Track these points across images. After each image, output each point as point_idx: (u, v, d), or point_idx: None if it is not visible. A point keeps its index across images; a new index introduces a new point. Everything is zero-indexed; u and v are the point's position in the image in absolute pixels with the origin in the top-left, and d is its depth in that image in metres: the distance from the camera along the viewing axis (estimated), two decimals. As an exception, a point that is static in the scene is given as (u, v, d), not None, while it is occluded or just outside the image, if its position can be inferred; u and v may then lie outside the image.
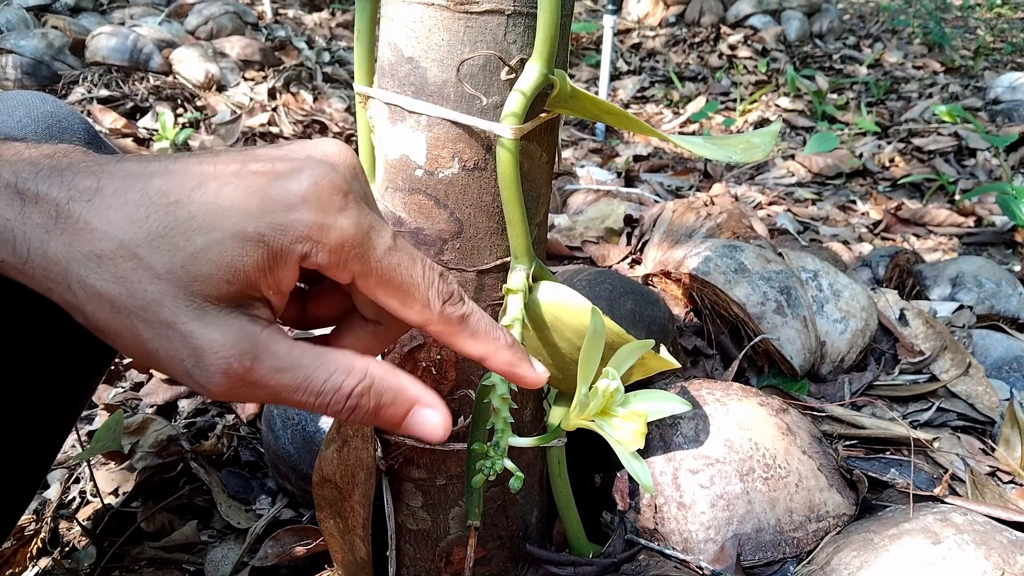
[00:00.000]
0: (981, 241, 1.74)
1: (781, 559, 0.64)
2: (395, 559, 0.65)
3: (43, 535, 0.81)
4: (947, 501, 0.68)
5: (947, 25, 4.26)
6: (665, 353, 0.56)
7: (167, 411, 1.03)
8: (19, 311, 0.49)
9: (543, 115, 0.50)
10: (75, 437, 0.93)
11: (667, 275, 1.05)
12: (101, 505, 0.86)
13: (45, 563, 0.79)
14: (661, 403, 0.51)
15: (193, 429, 0.98)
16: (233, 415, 1.01)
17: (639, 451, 0.47)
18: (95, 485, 0.86)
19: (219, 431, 0.95)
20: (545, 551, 0.67)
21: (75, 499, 0.88)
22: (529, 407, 0.63)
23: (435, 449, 0.59)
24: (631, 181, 2.06)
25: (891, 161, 2.30)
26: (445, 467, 0.61)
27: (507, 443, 0.48)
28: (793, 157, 2.35)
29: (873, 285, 1.26)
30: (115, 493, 0.89)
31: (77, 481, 0.90)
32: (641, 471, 0.47)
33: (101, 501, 0.86)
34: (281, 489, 0.86)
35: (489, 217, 0.52)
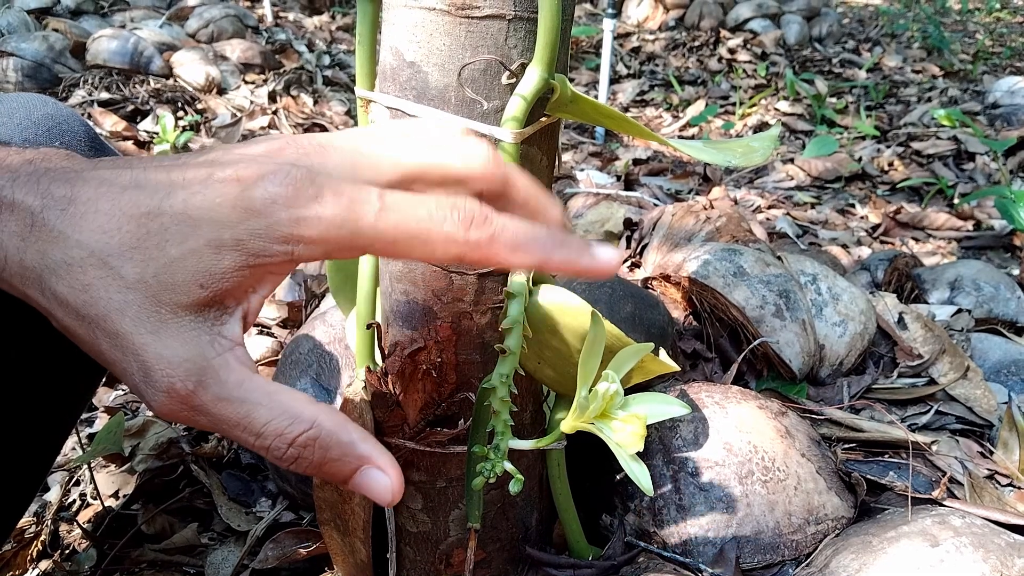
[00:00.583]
0: (980, 245, 1.74)
1: (780, 562, 0.64)
2: (395, 561, 0.66)
3: (43, 537, 0.81)
4: (945, 504, 0.68)
5: (946, 29, 4.27)
6: (664, 356, 0.56)
7: (167, 414, 1.03)
8: (18, 312, 0.50)
9: (543, 119, 0.50)
10: (75, 439, 0.94)
11: (666, 278, 1.05)
12: (101, 507, 0.86)
13: (46, 565, 0.79)
14: (660, 406, 0.51)
15: (193, 432, 0.98)
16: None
17: (638, 454, 0.47)
18: (95, 487, 0.86)
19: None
20: (545, 554, 0.67)
21: (75, 501, 0.88)
22: (529, 410, 0.63)
23: (435, 452, 0.59)
24: (631, 184, 2.06)
25: (890, 165, 2.31)
26: (445, 470, 0.61)
27: (507, 446, 0.48)
28: (792, 161, 2.36)
29: (872, 289, 1.27)
30: (115, 495, 0.89)
31: (77, 483, 0.91)
32: (640, 474, 0.47)
33: (101, 503, 0.86)
34: (281, 492, 0.86)
35: (489, 221, 0.52)
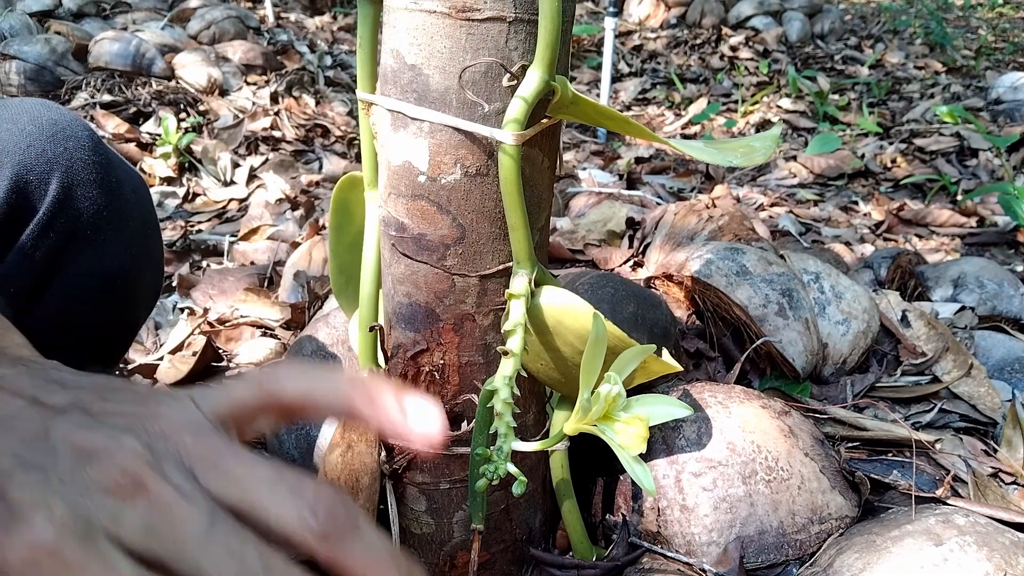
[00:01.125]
0: (983, 242, 1.74)
1: (784, 561, 0.64)
2: (399, 563, 0.66)
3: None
4: (949, 503, 0.68)
5: (949, 25, 4.26)
6: (667, 356, 0.56)
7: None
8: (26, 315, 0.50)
9: (545, 121, 0.50)
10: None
11: (669, 278, 1.05)
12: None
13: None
14: (663, 407, 0.51)
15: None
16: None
17: (641, 454, 0.47)
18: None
19: (223, 435, 0.95)
20: (549, 555, 0.67)
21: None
22: (532, 411, 0.63)
23: (439, 454, 0.60)
24: (633, 183, 2.06)
25: (893, 162, 2.30)
26: (449, 471, 0.61)
27: (510, 447, 0.48)
28: (795, 158, 2.35)
29: (875, 286, 1.26)
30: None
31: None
32: (643, 475, 0.47)
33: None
34: (285, 493, 0.86)
35: (491, 222, 0.52)
